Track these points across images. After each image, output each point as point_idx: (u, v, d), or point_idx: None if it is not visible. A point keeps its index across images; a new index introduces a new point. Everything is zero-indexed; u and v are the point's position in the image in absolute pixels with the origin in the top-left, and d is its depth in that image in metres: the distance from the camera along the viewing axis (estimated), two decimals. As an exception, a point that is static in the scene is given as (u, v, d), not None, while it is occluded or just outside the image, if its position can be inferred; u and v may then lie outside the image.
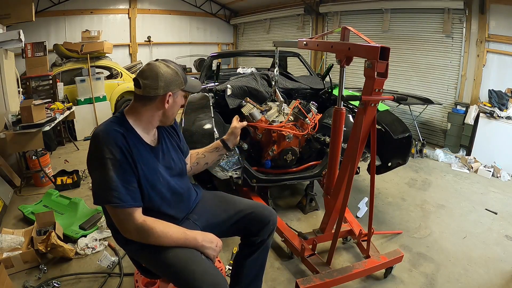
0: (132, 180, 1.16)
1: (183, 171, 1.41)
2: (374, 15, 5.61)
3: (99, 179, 1.13)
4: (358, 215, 2.79)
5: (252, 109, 2.72)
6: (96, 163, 1.14)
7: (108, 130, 1.15)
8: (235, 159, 2.38)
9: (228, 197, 1.53)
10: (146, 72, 1.19)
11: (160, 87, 1.18)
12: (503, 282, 2.06)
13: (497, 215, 2.90)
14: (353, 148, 1.76)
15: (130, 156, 1.15)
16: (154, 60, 1.24)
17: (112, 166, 1.11)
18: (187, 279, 1.14)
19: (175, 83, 1.22)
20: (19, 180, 3.32)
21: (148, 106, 1.22)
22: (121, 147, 1.13)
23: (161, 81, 1.18)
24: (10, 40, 3.23)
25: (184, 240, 1.21)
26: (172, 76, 1.20)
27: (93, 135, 1.16)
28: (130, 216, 1.14)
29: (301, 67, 4.43)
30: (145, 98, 1.20)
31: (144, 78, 1.18)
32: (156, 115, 1.25)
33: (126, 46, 7.26)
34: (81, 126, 5.13)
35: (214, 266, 1.23)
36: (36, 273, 2.05)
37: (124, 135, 1.16)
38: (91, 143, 1.16)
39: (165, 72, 1.19)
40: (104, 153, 1.11)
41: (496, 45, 4.30)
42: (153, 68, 1.18)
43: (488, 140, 4.07)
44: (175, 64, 1.25)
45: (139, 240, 1.19)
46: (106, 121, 1.22)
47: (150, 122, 1.25)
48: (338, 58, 1.83)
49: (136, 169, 1.17)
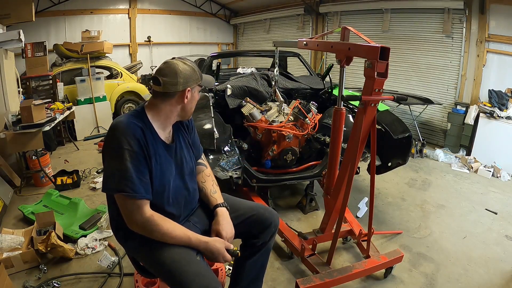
0: (146, 172, 1.18)
1: (193, 170, 1.43)
2: (374, 15, 5.61)
3: (114, 168, 1.15)
4: (358, 215, 2.79)
5: (252, 109, 2.72)
6: (113, 152, 1.16)
7: (128, 122, 1.18)
8: (235, 159, 2.39)
9: (229, 199, 1.52)
10: (165, 69, 1.22)
11: (180, 83, 1.22)
12: (503, 282, 2.06)
13: (497, 215, 2.90)
14: (353, 148, 1.76)
15: (146, 150, 1.18)
16: (171, 59, 1.28)
17: (129, 157, 1.13)
18: (179, 280, 1.14)
19: (193, 78, 1.26)
20: (19, 180, 3.32)
21: (167, 101, 1.25)
22: (139, 140, 1.16)
23: (180, 78, 1.22)
24: (10, 40, 3.23)
25: (186, 245, 1.22)
26: (189, 72, 1.24)
27: (112, 125, 1.19)
28: (139, 208, 1.16)
29: (301, 67, 4.43)
30: (165, 94, 1.23)
31: (163, 75, 1.22)
32: (175, 110, 1.28)
33: (126, 46, 7.26)
34: (81, 126, 5.13)
35: (208, 268, 1.23)
36: (36, 273, 2.04)
37: (143, 129, 1.19)
38: (109, 133, 1.19)
39: (183, 69, 1.23)
40: (122, 143, 1.13)
41: (496, 45, 4.30)
42: (172, 66, 1.22)
43: (488, 140, 4.07)
44: (191, 61, 1.29)
45: (142, 233, 1.19)
46: (126, 114, 1.26)
47: (169, 117, 1.28)
48: (338, 58, 1.83)
49: (150, 163, 1.19)
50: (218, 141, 2.33)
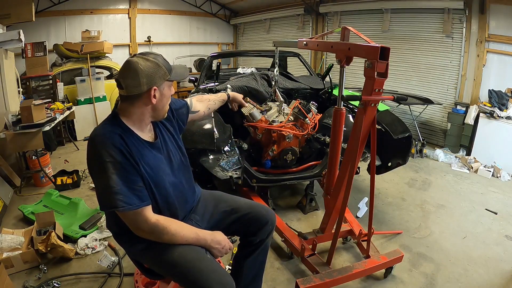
0: (136, 179, 1.13)
1: (183, 162, 1.38)
2: (374, 15, 5.61)
3: (102, 185, 1.10)
4: (358, 215, 2.79)
5: (252, 109, 2.72)
6: (96, 168, 1.11)
7: (104, 132, 1.12)
8: (235, 159, 2.38)
9: (226, 196, 1.53)
10: (125, 71, 1.13)
11: (143, 83, 1.12)
12: (503, 282, 2.06)
13: (497, 215, 2.90)
14: (353, 148, 1.76)
15: (131, 157, 1.12)
16: (131, 56, 1.17)
17: (114, 169, 1.07)
18: (194, 278, 1.13)
19: (158, 75, 1.15)
20: (19, 180, 3.32)
21: (135, 104, 1.16)
22: (121, 148, 1.10)
23: (142, 77, 1.12)
24: (10, 40, 3.23)
25: (195, 241, 1.22)
26: (153, 70, 1.14)
27: (89, 139, 1.13)
28: (141, 216, 1.13)
29: (301, 67, 4.43)
30: (130, 97, 1.15)
31: (124, 77, 1.13)
32: (146, 112, 1.19)
33: (126, 46, 7.25)
34: (81, 126, 5.13)
35: (219, 264, 1.24)
36: (36, 273, 2.05)
37: (122, 136, 1.13)
38: (88, 148, 1.13)
39: (144, 67, 1.12)
40: (103, 157, 1.07)
41: (496, 45, 4.30)
42: (131, 66, 1.12)
43: (488, 140, 4.07)
44: (155, 55, 1.18)
45: (151, 238, 1.18)
46: (100, 124, 1.18)
47: (142, 119, 1.20)
48: (338, 58, 1.83)
49: (139, 168, 1.14)
50: (218, 141, 2.33)
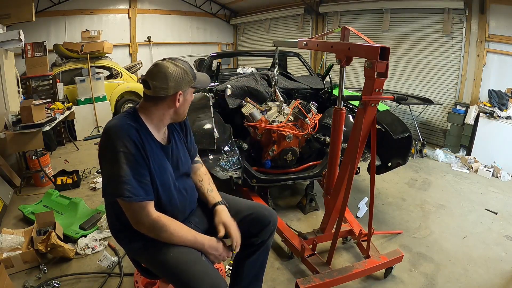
0: (145, 173, 1.15)
1: (189, 171, 1.42)
2: (374, 15, 5.61)
3: (111, 173, 1.12)
4: (358, 215, 2.79)
5: (252, 109, 2.72)
6: (108, 157, 1.14)
7: (121, 124, 1.15)
8: (235, 159, 2.38)
9: (227, 198, 1.52)
10: (155, 73, 1.18)
11: (170, 87, 1.17)
12: (503, 282, 2.06)
13: (497, 215, 2.90)
14: (353, 148, 1.76)
15: (143, 151, 1.15)
16: (161, 60, 1.22)
17: (126, 160, 1.10)
18: (187, 281, 1.14)
19: (185, 81, 1.21)
20: (19, 180, 3.32)
21: (159, 105, 1.21)
22: (135, 141, 1.13)
23: (170, 81, 1.17)
24: (10, 40, 3.23)
25: (192, 243, 1.22)
26: (181, 75, 1.19)
27: (106, 128, 1.15)
28: (143, 210, 1.14)
29: (301, 67, 4.43)
30: (155, 98, 1.20)
31: (153, 79, 1.17)
32: (167, 114, 1.24)
33: (126, 46, 7.26)
34: (81, 126, 5.13)
35: (214, 268, 1.23)
36: (36, 273, 2.04)
37: (138, 130, 1.16)
38: (103, 136, 1.16)
39: (174, 72, 1.18)
40: (117, 146, 1.10)
41: (496, 45, 4.30)
42: (161, 69, 1.17)
43: (488, 140, 4.06)
44: (183, 62, 1.24)
45: (150, 235, 1.18)
46: (118, 115, 1.22)
47: (161, 120, 1.25)
48: (338, 58, 1.83)
49: (149, 164, 1.17)
50: (218, 141, 2.33)
